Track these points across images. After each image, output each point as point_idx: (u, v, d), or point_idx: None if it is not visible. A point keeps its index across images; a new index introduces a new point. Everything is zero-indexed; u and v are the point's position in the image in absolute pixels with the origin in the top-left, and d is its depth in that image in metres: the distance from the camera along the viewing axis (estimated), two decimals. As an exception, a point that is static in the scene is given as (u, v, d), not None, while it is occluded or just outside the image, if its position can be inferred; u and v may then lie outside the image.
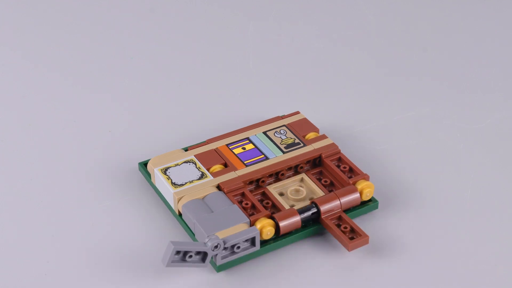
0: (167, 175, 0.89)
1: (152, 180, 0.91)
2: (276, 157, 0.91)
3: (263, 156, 0.91)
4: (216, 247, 0.80)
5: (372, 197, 0.89)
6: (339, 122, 1.02)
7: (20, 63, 1.16)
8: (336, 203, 0.86)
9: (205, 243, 0.79)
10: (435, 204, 0.91)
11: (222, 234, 0.81)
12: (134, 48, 1.16)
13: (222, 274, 0.82)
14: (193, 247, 0.79)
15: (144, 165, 0.94)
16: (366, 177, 0.89)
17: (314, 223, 0.85)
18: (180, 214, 0.87)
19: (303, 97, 1.08)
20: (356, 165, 0.93)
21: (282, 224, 0.83)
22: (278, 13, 1.26)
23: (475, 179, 0.92)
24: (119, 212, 0.90)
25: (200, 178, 0.88)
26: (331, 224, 0.83)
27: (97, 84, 1.12)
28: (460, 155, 0.96)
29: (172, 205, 0.87)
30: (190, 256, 0.79)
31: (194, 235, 0.84)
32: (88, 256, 0.84)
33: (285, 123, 0.96)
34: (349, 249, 0.81)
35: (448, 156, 0.96)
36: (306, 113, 1.01)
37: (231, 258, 0.82)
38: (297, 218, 0.84)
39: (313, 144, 0.93)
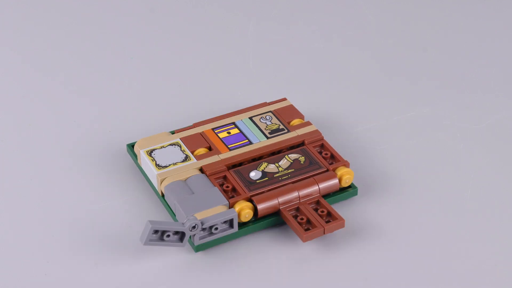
0: (152, 157, 0.91)
1: (138, 161, 0.93)
2: (259, 142, 0.93)
3: (247, 141, 0.93)
4: (193, 227, 0.82)
5: (352, 184, 0.91)
6: (335, 118, 1.04)
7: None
8: (314, 188, 0.87)
9: (183, 223, 0.82)
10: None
11: (200, 215, 0.83)
12: (133, 47, 1.18)
13: (200, 254, 0.84)
14: (171, 227, 0.81)
15: (132, 146, 0.96)
16: (346, 164, 0.90)
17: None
18: (163, 195, 0.89)
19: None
20: (338, 153, 0.94)
21: (260, 207, 0.85)
22: (278, 11, 1.27)
23: (474, 178, 0.93)
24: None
25: (183, 161, 0.90)
26: (288, 215, 0.85)
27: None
28: (460, 154, 0.97)
29: (156, 186, 0.89)
30: (168, 236, 0.82)
31: (175, 215, 0.86)
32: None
33: (272, 109, 0.98)
34: (304, 240, 0.83)
35: (447, 155, 0.97)
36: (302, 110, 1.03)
37: (209, 238, 0.84)
38: (275, 201, 0.86)
39: (297, 131, 0.94)
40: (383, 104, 1.06)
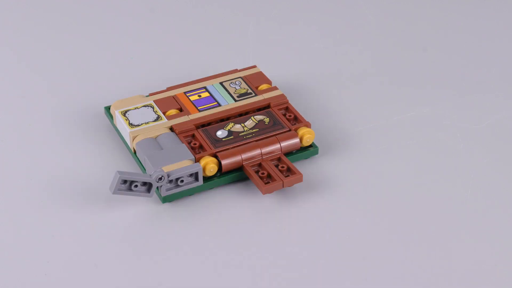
0: (126, 117, 0.97)
1: (114, 122, 0.99)
2: (227, 104, 0.99)
3: (216, 103, 0.99)
4: (160, 179, 0.87)
5: (313, 143, 0.96)
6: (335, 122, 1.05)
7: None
8: (276, 146, 0.93)
9: (150, 175, 0.87)
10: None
11: (167, 168, 0.89)
12: (133, 46, 1.20)
13: (167, 205, 0.90)
14: (138, 178, 0.87)
15: (108, 109, 1.02)
16: (307, 125, 0.96)
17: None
18: (135, 152, 0.95)
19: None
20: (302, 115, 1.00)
21: (224, 162, 0.91)
22: (279, 11, 1.29)
23: (474, 178, 0.94)
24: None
25: (155, 120, 0.96)
26: (250, 170, 0.91)
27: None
28: (460, 154, 0.97)
29: (129, 144, 0.95)
30: (136, 186, 0.87)
31: (145, 170, 0.92)
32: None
33: (242, 75, 1.04)
34: (263, 192, 0.88)
35: (447, 155, 0.97)
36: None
37: (175, 190, 0.89)
38: (239, 158, 0.91)
39: (263, 94, 1.00)
40: (382, 105, 1.06)
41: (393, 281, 0.81)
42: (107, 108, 1.02)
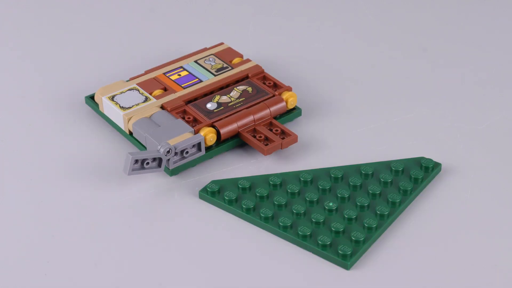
0: (115, 101, 1.00)
1: (100, 109, 1.02)
2: (208, 79, 1.03)
3: (197, 79, 1.04)
4: (168, 152, 0.91)
5: (296, 106, 1.03)
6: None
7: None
8: (266, 111, 0.99)
9: (158, 150, 0.91)
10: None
11: (172, 142, 0.93)
12: (134, 46, 1.21)
13: (174, 177, 0.94)
14: (149, 155, 0.91)
15: (90, 98, 1.04)
16: (289, 89, 1.02)
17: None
18: (130, 133, 0.98)
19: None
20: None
21: (223, 131, 0.96)
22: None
23: (474, 178, 0.94)
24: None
25: (145, 101, 1.00)
26: (248, 135, 0.96)
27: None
28: (460, 154, 0.98)
29: (123, 127, 0.98)
30: (148, 163, 0.91)
31: (146, 148, 0.96)
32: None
33: (213, 53, 1.09)
34: (265, 153, 0.94)
35: (447, 155, 0.98)
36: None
37: (181, 162, 0.94)
38: (235, 126, 0.97)
39: (240, 67, 1.06)
40: (382, 105, 1.07)
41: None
42: (88, 97, 1.04)
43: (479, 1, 1.31)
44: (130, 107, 0.98)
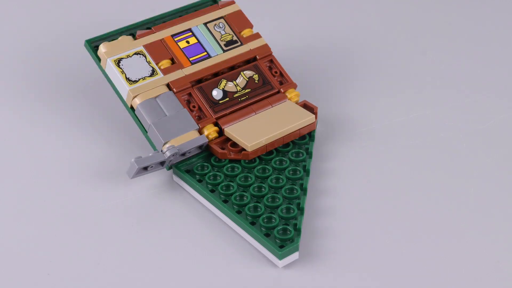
0: (121, 68, 0.97)
1: (102, 65, 0.99)
2: (217, 55, 1.02)
3: (205, 53, 1.02)
4: (173, 155, 0.93)
5: (297, 103, 1.04)
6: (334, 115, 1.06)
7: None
8: (269, 108, 1.00)
9: (163, 153, 0.92)
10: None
11: (176, 141, 0.94)
12: None
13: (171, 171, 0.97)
14: (154, 161, 0.92)
15: (90, 43, 1.00)
16: (294, 86, 1.03)
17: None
18: (132, 108, 0.97)
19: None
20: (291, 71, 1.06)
21: (225, 130, 0.97)
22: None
23: (477, 176, 0.95)
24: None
25: (151, 75, 0.98)
26: None
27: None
28: (463, 154, 0.98)
29: (125, 99, 0.97)
30: (152, 167, 0.93)
31: (146, 132, 0.96)
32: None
33: (223, 15, 1.05)
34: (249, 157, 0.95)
35: (450, 154, 0.99)
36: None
37: (181, 158, 0.96)
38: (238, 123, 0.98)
39: (249, 44, 1.04)
40: (384, 106, 1.07)
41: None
42: (89, 42, 1.01)
43: (480, 2, 1.30)
44: (136, 81, 0.97)
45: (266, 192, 0.90)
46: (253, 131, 0.96)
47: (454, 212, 0.90)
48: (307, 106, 1.02)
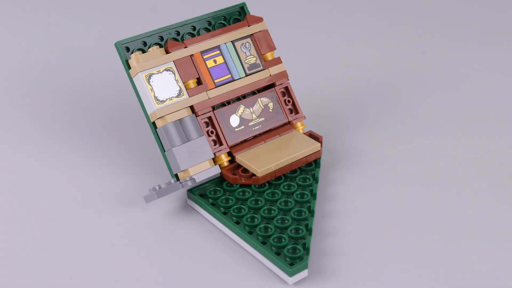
0: (151, 85, 1.01)
1: (131, 74, 1.02)
2: (240, 79, 1.06)
3: (230, 76, 1.06)
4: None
5: (302, 134, 1.12)
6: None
7: None
8: (276, 137, 1.08)
9: (180, 183, 1.00)
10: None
11: (191, 169, 1.01)
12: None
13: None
14: (171, 191, 0.99)
15: (123, 48, 1.02)
16: (302, 118, 1.10)
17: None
18: (154, 125, 1.02)
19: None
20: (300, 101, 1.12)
21: (237, 158, 1.04)
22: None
23: (474, 201, 1.01)
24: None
25: (178, 95, 1.02)
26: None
27: None
28: (459, 179, 1.05)
29: (149, 114, 1.01)
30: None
31: (163, 149, 1.02)
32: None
33: (250, 33, 1.09)
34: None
35: (447, 180, 1.05)
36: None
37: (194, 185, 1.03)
38: (247, 150, 1.06)
39: (270, 69, 1.09)
40: (385, 137, 1.15)
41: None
42: (120, 44, 1.03)
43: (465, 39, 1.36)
44: (163, 101, 1.01)
45: (275, 214, 0.97)
46: (263, 158, 1.03)
47: (453, 230, 0.96)
48: (312, 136, 1.09)
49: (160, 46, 1.05)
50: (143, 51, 1.04)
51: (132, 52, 1.03)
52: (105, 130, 1.15)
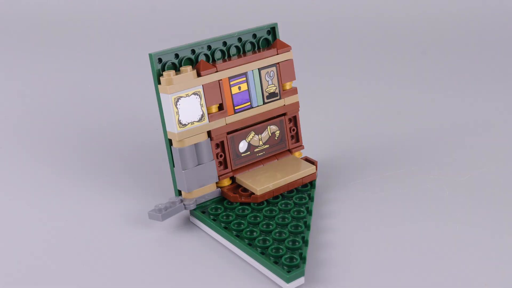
0: (177, 109, 1.02)
1: (160, 90, 1.03)
2: (257, 107, 1.09)
3: (249, 104, 1.09)
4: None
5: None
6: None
7: None
8: (274, 161, 1.13)
9: (184, 206, 1.05)
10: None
11: (197, 193, 1.06)
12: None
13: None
14: (176, 212, 1.05)
15: (157, 58, 1.02)
16: (300, 148, 1.16)
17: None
18: (170, 141, 1.05)
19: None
20: (302, 131, 1.16)
21: (237, 179, 1.10)
22: None
23: (459, 219, 1.07)
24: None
25: (199, 120, 1.05)
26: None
27: None
28: (445, 200, 1.12)
29: (168, 132, 1.04)
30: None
31: (173, 164, 1.06)
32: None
33: (277, 61, 1.10)
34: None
35: (434, 200, 1.12)
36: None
37: (191, 199, 1.09)
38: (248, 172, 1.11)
39: (285, 99, 1.12)
40: (376, 162, 1.22)
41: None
42: (154, 56, 1.03)
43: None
44: (185, 125, 1.04)
45: (273, 228, 1.03)
46: (262, 178, 1.09)
47: (443, 243, 1.02)
48: (308, 160, 1.16)
49: (191, 60, 1.05)
50: (175, 64, 1.03)
51: (163, 64, 1.03)
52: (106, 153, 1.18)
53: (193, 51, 1.05)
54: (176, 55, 1.04)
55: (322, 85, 1.54)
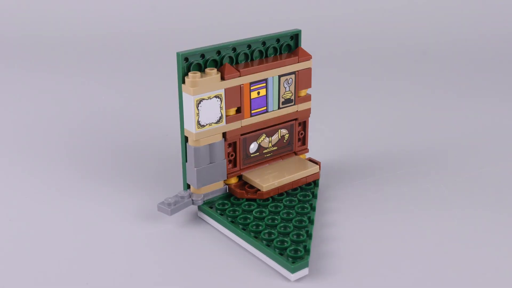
0: (198, 110, 1.05)
1: (183, 90, 1.05)
2: (272, 111, 1.13)
3: (265, 108, 1.12)
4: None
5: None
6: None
7: None
8: (279, 161, 1.17)
9: (192, 200, 1.09)
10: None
11: (205, 189, 1.10)
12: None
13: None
14: (185, 207, 1.08)
15: (183, 57, 1.04)
16: (305, 151, 1.19)
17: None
18: (186, 139, 1.08)
19: None
20: (309, 135, 1.19)
21: (243, 177, 1.14)
22: None
23: (459, 217, 1.11)
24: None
25: (217, 122, 1.07)
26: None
27: None
28: (445, 198, 1.16)
29: (185, 130, 1.06)
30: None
31: (186, 159, 1.09)
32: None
33: (297, 69, 1.13)
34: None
35: (434, 198, 1.16)
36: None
37: (198, 192, 1.12)
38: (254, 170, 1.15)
39: (299, 105, 1.15)
40: (377, 163, 1.26)
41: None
42: (182, 56, 1.04)
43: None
44: (203, 126, 1.06)
45: (278, 222, 1.07)
46: (267, 176, 1.13)
47: (443, 238, 1.06)
48: (312, 161, 1.20)
49: (215, 62, 1.07)
50: (200, 64, 1.05)
51: (190, 64, 1.04)
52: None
53: (218, 53, 1.07)
54: (202, 55, 1.05)
55: (331, 92, 1.59)
